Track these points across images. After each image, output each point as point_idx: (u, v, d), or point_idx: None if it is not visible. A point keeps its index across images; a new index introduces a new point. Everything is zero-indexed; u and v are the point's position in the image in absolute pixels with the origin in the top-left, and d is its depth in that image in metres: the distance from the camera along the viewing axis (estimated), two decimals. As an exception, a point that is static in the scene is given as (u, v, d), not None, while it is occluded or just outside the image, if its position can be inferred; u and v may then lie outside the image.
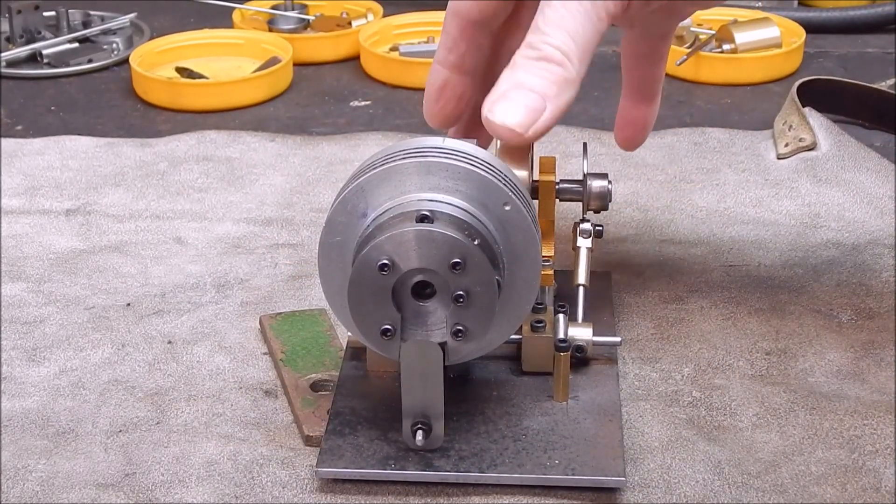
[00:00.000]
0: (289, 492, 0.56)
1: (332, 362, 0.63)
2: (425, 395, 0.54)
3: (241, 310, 0.70)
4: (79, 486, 0.56)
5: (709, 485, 0.56)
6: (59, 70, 1.07)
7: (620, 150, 0.71)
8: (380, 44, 1.10)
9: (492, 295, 0.53)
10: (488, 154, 0.56)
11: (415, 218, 0.52)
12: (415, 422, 0.54)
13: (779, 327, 0.67)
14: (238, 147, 0.91)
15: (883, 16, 1.14)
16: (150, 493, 0.56)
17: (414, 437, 0.54)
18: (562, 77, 0.54)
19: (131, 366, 0.65)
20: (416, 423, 0.54)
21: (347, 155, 0.89)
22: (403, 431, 0.54)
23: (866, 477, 0.56)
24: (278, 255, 0.76)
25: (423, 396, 0.54)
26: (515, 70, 0.54)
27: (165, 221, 0.80)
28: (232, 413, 0.61)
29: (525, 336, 0.61)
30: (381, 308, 0.53)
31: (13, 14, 1.11)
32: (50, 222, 0.80)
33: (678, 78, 1.04)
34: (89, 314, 0.70)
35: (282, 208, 0.82)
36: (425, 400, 0.54)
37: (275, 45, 1.07)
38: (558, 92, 0.55)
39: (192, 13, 1.20)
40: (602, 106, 0.99)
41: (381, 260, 0.52)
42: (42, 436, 0.60)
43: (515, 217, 0.54)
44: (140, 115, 0.99)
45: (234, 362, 0.65)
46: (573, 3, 0.54)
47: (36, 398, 0.62)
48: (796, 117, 0.88)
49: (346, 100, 1.02)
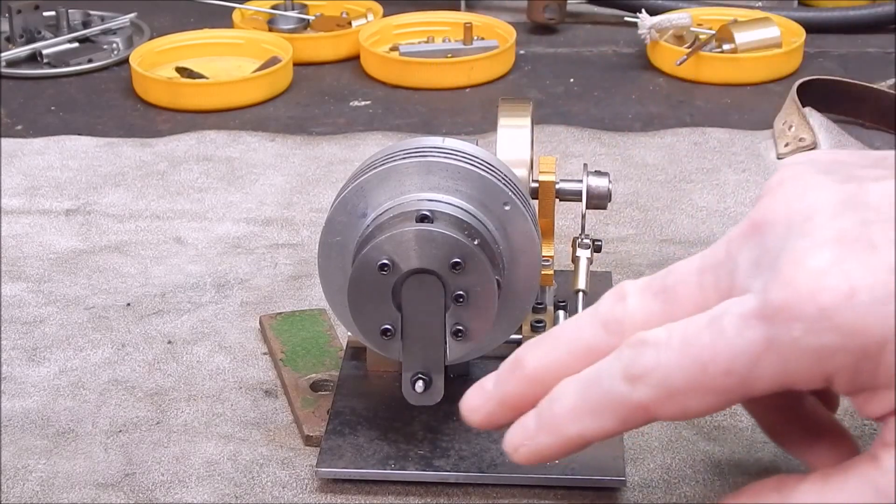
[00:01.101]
0: (289, 492, 0.56)
1: (332, 362, 0.63)
2: (426, 343, 0.53)
3: (241, 310, 0.70)
4: (79, 486, 0.56)
5: (709, 485, 0.56)
6: (59, 70, 1.07)
7: (621, 151, 0.71)
8: (380, 44, 1.10)
9: (492, 295, 0.53)
10: (488, 154, 0.56)
11: (415, 218, 0.52)
12: (415, 374, 0.54)
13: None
14: (238, 147, 0.91)
15: (883, 16, 1.14)
16: (150, 493, 0.56)
17: (413, 387, 0.54)
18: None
19: (131, 366, 0.65)
20: (416, 374, 0.54)
21: (347, 155, 0.89)
22: (403, 385, 0.54)
23: (866, 477, 0.56)
24: (278, 254, 0.76)
25: (424, 344, 0.53)
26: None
27: (165, 221, 0.80)
28: (232, 413, 0.61)
29: (525, 336, 0.61)
30: (381, 308, 0.53)
31: (13, 14, 1.11)
32: (50, 222, 0.80)
33: (678, 78, 1.04)
34: (89, 314, 0.70)
35: (282, 208, 0.82)
36: (426, 348, 0.53)
37: (275, 44, 1.07)
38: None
39: (192, 13, 1.20)
40: (602, 106, 0.99)
41: (381, 260, 0.52)
42: (42, 436, 0.60)
43: (515, 217, 0.54)
44: (140, 115, 0.99)
45: (234, 362, 0.65)
46: None
47: (36, 398, 0.62)
48: (796, 117, 0.88)
49: (346, 100, 1.02)
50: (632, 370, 0.44)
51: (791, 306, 0.41)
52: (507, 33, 1.08)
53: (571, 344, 0.48)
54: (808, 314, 0.40)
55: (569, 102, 1.00)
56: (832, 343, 0.40)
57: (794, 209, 0.43)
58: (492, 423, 0.50)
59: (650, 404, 0.44)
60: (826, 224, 0.42)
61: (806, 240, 0.42)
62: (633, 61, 1.09)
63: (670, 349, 0.44)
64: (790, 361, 0.41)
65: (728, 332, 0.42)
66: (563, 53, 1.11)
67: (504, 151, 0.61)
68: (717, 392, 0.43)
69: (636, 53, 1.10)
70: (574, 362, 0.47)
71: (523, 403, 0.48)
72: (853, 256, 0.40)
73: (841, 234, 0.41)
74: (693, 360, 0.43)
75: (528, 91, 1.03)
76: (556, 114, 0.97)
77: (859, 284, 0.40)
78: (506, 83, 1.05)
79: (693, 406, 0.44)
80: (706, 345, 0.43)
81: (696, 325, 0.43)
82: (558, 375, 0.47)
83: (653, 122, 0.96)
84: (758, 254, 0.43)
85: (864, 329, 0.40)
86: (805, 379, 0.42)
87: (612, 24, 1.17)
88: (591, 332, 0.47)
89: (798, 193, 0.43)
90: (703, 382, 0.43)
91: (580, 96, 1.02)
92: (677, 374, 0.43)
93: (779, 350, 0.41)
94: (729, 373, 0.42)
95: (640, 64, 1.08)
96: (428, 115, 0.99)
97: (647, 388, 0.44)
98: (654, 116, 0.97)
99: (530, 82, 1.05)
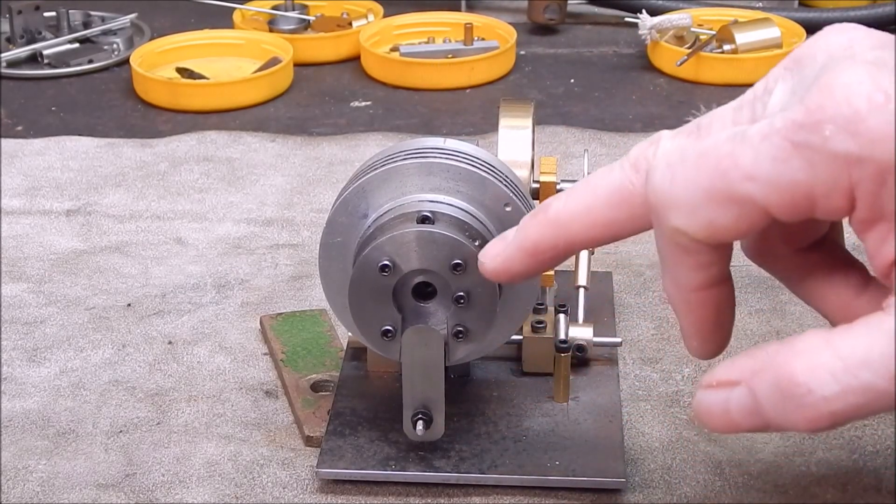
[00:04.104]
0: (289, 492, 0.56)
1: (333, 363, 0.63)
2: (426, 386, 0.53)
3: (242, 310, 0.70)
4: (79, 486, 0.56)
5: (710, 485, 0.56)
6: (60, 70, 1.07)
7: (621, 151, 0.71)
8: (380, 44, 1.10)
9: (492, 296, 0.53)
10: (489, 155, 0.56)
11: (416, 219, 0.52)
12: (415, 413, 0.54)
13: (779, 328, 0.67)
14: (238, 147, 0.91)
15: (883, 16, 1.14)
16: (151, 493, 0.56)
17: (414, 428, 0.54)
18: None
19: (132, 366, 0.65)
20: (416, 414, 0.54)
21: (348, 155, 0.89)
22: (404, 423, 0.54)
23: (867, 478, 0.56)
24: (279, 255, 0.76)
25: (424, 386, 0.53)
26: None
27: (166, 222, 0.80)
28: (232, 413, 0.61)
29: (526, 337, 0.61)
30: (382, 309, 0.53)
31: (13, 14, 1.11)
32: (50, 223, 0.80)
33: (679, 78, 1.04)
34: (90, 314, 0.70)
35: (282, 209, 0.82)
36: (426, 390, 0.54)
37: (275, 45, 1.07)
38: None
39: (192, 13, 1.20)
40: (602, 106, 0.99)
41: (381, 261, 0.52)
42: (42, 436, 0.60)
43: (516, 218, 0.54)
44: (140, 116, 0.99)
45: (234, 363, 0.65)
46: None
47: (36, 398, 0.62)
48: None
49: (347, 100, 1.02)
50: (642, 164, 0.43)
51: (824, 108, 0.39)
52: (508, 34, 1.08)
53: (599, 187, 0.45)
54: (841, 115, 0.39)
55: (569, 103, 1.00)
56: (862, 148, 0.39)
57: (835, 43, 0.42)
58: (509, 270, 0.48)
59: (664, 208, 0.42)
60: (866, 52, 0.41)
61: (845, 62, 0.40)
62: (634, 62, 1.09)
63: (685, 161, 0.42)
64: (817, 166, 0.39)
65: (753, 139, 0.40)
66: (564, 54, 1.11)
67: (505, 152, 0.61)
68: (741, 203, 0.41)
69: (637, 54, 1.10)
70: (601, 205, 0.45)
71: (544, 247, 0.46)
72: (891, 78, 0.39)
73: (881, 61, 0.40)
74: (713, 167, 0.41)
75: (529, 91, 1.03)
76: (556, 114, 0.97)
77: (894, 95, 0.39)
78: (506, 84, 1.05)
79: (720, 220, 0.41)
80: (727, 152, 0.41)
81: (716, 139, 0.42)
82: (583, 218, 0.45)
83: (653, 122, 0.96)
84: (795, 82, 0.42)
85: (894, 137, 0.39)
86: (831, 192, 0.40)
87: (613, 24, 1.17)
88: (620, 173, 0.45)
89: (840, 32, 0.43)
90: (724, 189, 0.41)
91: (581, 97, 1.02)
92: (694, 182, 0.41)
93: (807, 153, 0.39)
94: (752, 178, 0.40)
95: (640, 64, 1.08)
96: (428, 115, 0.99)
97: (661, 186, 0.42)
98: (655, 117, 0.97)
99: (531, 83, 1.05)
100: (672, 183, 0.42)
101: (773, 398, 0.41)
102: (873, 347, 0.39)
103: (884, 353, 0.39)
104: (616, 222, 0.45)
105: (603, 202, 0.45)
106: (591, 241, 0.46)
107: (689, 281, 0.45)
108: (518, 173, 0.58)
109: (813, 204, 0.41)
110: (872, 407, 0.40)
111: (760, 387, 0.41)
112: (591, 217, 0.45)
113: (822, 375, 0.40)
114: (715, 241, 0.43)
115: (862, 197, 0.40)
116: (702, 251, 0.43)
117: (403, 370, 0.53)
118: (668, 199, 0.42)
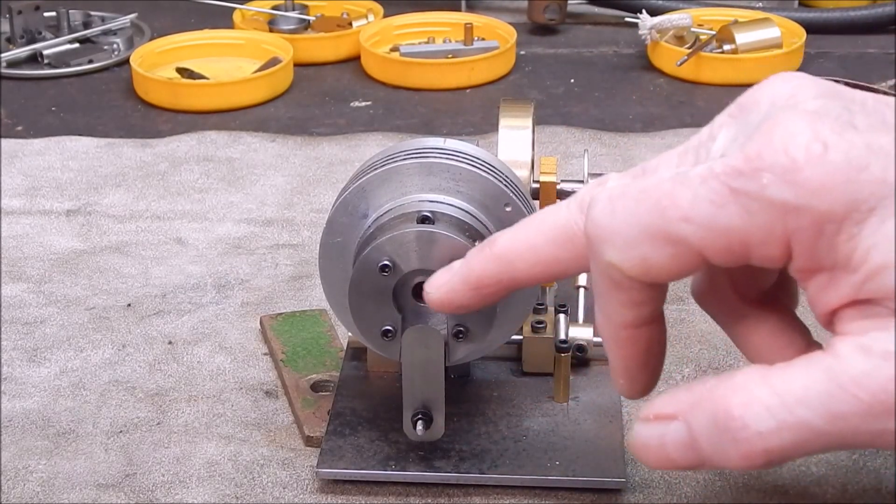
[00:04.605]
0: (289, 492, 0.56)
1: (333, 363, 0.63)
2: (426, 386, 0.53)
3: (242, 310, 0.70)
4: (79, 486, 0.56)
5: (710, 485, 0.56)
6: (60, 70, 1.07)
7: (621, 151, 0.71)
8: (380, 44, 1.10)
9: (492, 296, 0.52)
10: (489, 155, 0.56)
11: (416, 219, 0.52)
12: (415, 413, 0.54)
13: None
14: (238, 147, 0.91)
15: (883, 16, 1.14)
16: (151, 493, 0.56)
17: (414, 428, 0.54)
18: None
19: (132, 366, 0.65)
20: (416, 414, 0.54)
21: (348, 155, 0.89)
22: (404, 423, 0.54)
23: (867, 477, 0.56)
24: (279, 255, 0.76)
25: (424, 387, 0.53)
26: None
27: (166, 222, 0.80)
28: (232, 413, 0.61)
29: (526, 337, 0.61)
30: (382, 309, 0.53)
31: (14, 14, 1.11)
32: (50, 223, 0.80)
33: (679, 78, 1.04)
34: (90, 315, 0.70)
35: (282, 209, 0.82)
36: (426, 390, 0.53)
37: (275, 45, 1.07)
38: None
39: (192, 13, 1.20)
40: (602, 107, 0.99)
41: (381, 261, 0.52)
42: (42, 436, 0.60)
43: (516, 218, 0.54)
44: (140, 116, 0.99)
45: (234, 363, 0.65)
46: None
47: (36, 399, 0.62)
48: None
49: (347, 100, 1.02)
50: (587, 204, 0.43)
51: (762, 156, 0.39)
52: (508, 34, 1.08)
53: (544, 224, 0.46)
54: (779, 164, 0.39)
55: (569, 103, 1.00)
56: (799, 198, 0.39)
57: (779, 91, 0.42)
58: (452, 302, 0.48)
59: (600, 241, 0.42)
60: (809, 101, 0.41)
61: (787, 111, 0.41)
62: (634, 62, 1.09)
63: (626, 196, 0.42)
64: (753, 213, 0.39)
65: (693, 181, 0.40)
66: (564, 54, 1.11)
67: (505, 152, 0.61)
68: (675, 242, 0.41)
69: (637, 54, 1.10)
70: (545, 242, 0.45)
71: (487, 282, 0.47)
72: (832, 127, 0.39)
73: (823, 111, 0.40)
74: (652, 204, 0.41)
75: (529, 92, 1.03)
76: (556, 114, 0.97)
77: (834, 146, 0.39)
78: (506, 84, 1.05)
79: (654, 259, 0.41)
80: (667, 191, 0.41)
81: (659, 178, 0.42)
82: (527, 255, 0.46)
83: (653, 122, 0.96)
84: (738, 129, 0.43)
85: (832, 188, 0.39)
86: (766, 240, 0.40)
87: (613, 24, 1.17)
88: (566, 212, 0.45)
89: (785, 81, 0.43)
90: (660, 227, 0.41)
91: (581, 97, 1.02)
92: (632, 217, 0.41)
93: (743, 200, 0.39)
94: (688, 219, 0.40)
95: (640, 64, 1.08)
96: (428, 115, 0.99)
97: (600, 220, 0.42)
98: (655, 117, 0.97)
99: (531, 83, 1.05)
100: (611, 216, 0.42)
101: (709, 432, 0.41)
102: (812, 385, 0.39)
103: (821, 391, 0.39)
104: (560, 261, 0.46)
105: (547, 240, 0.46)
106: (535, 278, 0.47)
107: (620, 317, 0.45)
108: (518, 173, 0.58)
109: (748, 250, 0.40)
110: (809, 446, 0.39)
111: (697, 420, 0.41)
112: (535, 254, 0.46)
113: (759, 410, 0.39)
114: (648, 279, 0.43)
115: (799, 246, 0.40)
116: (634, 288, 0.43)
117: (403, 370, 0.53)
118: (604, 233, 0.42)
